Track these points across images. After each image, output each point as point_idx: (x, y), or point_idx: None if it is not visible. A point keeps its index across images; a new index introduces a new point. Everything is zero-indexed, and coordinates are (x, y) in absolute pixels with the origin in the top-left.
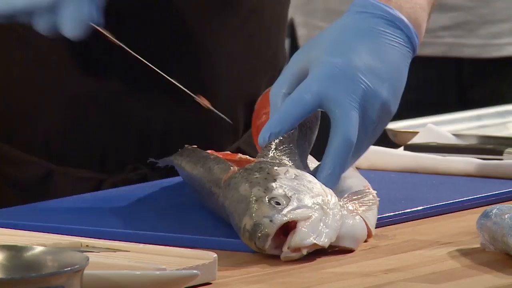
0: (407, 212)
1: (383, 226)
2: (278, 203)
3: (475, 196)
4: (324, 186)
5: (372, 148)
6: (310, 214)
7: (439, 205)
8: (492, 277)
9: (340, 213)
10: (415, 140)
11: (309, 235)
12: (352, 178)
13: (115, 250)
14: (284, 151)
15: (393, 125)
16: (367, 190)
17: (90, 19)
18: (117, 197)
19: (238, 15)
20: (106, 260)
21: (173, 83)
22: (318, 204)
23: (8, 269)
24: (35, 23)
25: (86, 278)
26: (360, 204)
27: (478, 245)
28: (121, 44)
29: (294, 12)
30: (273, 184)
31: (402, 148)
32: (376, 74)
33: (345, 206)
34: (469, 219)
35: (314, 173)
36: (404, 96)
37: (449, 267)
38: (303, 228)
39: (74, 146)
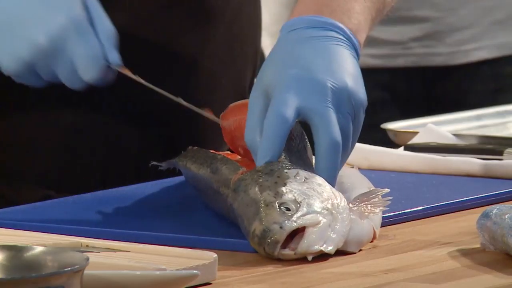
0: (407, 212)
1: (383, 226)
2: (288, 209)
3: (475, 196)
4: (334, 189)
5: (372, 148)
6: (319, 220)
7: (439, 205)
8: (492, 277)
9: (349, 217)
10: (415, 140)
11: (316, 242)
12: (354, 179)
13: (115, 250)
14: (291, 152)
15: (393, 125)
16: (376, 192)
17: (105, 58)
18: (117, 197)
19: (222, 22)
20: (106, 260)
21: (192, 109)
22: (327, 209)
23: (8, 269)
24: (59, 76)
25: (86, 278)
26: (370, 206)
27: (478, 245)
28: (141, 80)
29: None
30: (283, 189)
31: (402, 148)
32: (332, 70)
33: (354, 209)
34: (469, 219)
35: None
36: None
37: (449, 267)
38: (311, 235)
39: (73, 173)
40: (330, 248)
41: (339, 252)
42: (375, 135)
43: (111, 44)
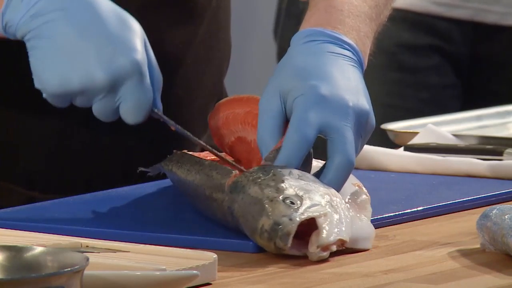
0: (407, 212)
1: (383, 227)
2: (292, 203)
3: (475, 197)
4: (326, 185)
5: (372, 148)
6: (326, 212)
7: (439, 205)
8: (492, 278)
9: (348, 211)
10: (415, 140)
11: (332, 231)
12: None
13: (115, 251)
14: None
15: (393, 126)
16: (360, 190)
17: (150, 104)
18: (117, 197)
19: (205, 19)
20: (106, 261)
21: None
22: (328, 202)
23: (8, 270)
24: (93, 107)
25: (86, 279)
26: (359, 205)
27: (478, 246)
28: (183, 130)
29: None
30: (283, 185)
31: (402, 148)
32: (353, 91)
33: (352, 204)
34: (469, 219)
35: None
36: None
37: (449, 267)
38: (325, 226)
39: (58, 173)
40: (346, 235)
41: (339, 253)
42: (375, 135)
43: (159, 91)
